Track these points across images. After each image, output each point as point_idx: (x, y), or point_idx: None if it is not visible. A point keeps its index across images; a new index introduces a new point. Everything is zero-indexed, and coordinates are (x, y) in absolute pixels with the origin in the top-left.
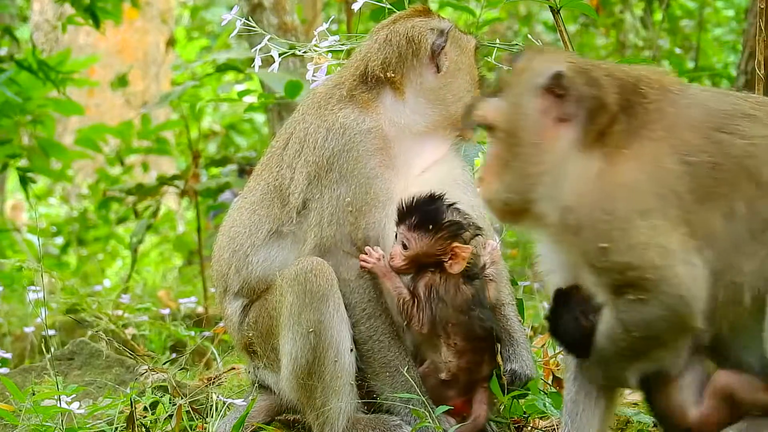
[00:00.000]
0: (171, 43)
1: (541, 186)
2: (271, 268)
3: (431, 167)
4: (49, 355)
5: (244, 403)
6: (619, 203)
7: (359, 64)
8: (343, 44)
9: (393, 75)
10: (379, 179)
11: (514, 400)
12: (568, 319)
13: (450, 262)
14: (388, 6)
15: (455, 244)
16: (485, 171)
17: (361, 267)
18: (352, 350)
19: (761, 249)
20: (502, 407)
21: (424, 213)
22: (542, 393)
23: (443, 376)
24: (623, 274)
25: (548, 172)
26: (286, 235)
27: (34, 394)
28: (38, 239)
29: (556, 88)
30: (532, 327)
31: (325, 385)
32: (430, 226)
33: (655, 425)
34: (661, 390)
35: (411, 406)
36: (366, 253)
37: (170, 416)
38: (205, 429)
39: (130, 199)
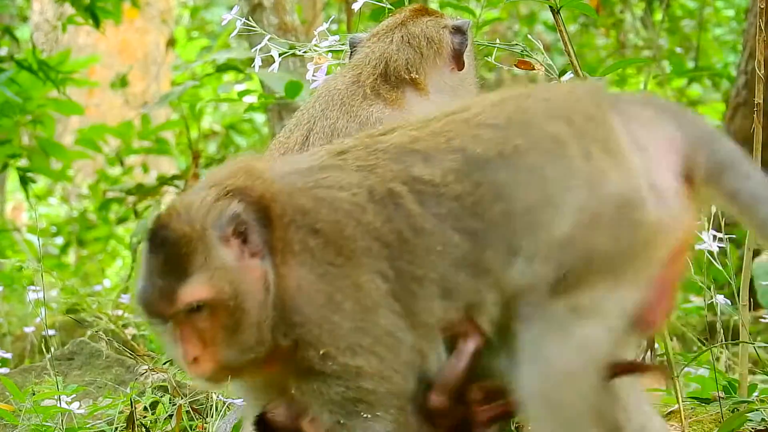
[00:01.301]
0: (171, 43)
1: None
2: None
3: None
4: (49, 355)
5: (245, 404)
6: (306, 303)
7: (377, 63)
8: (343, 44)
9: (417, 75)
10: None
11: None
12: None
13: None
14: (389, 6)
15: None
16: (198, 351)
17: None
18: None
19: (432, 302)
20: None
21: None
22: None
23: None
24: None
25: (267, 311)
26: None
27: (34, 394)
28: (38, 239)
29: (236, 229)
30: None
31: None
32: None
33: None
34: None
35: None
36: None
37: (170, 416)
38: (205, 429)
39: (131, 199)
